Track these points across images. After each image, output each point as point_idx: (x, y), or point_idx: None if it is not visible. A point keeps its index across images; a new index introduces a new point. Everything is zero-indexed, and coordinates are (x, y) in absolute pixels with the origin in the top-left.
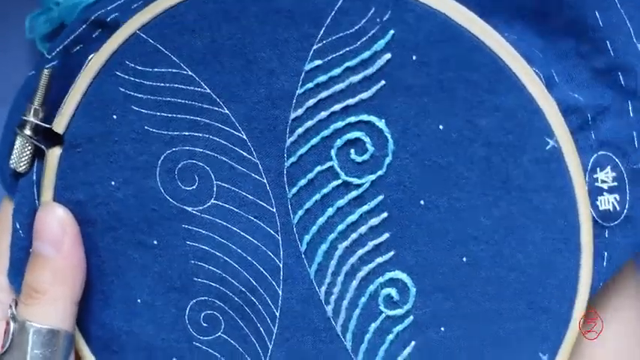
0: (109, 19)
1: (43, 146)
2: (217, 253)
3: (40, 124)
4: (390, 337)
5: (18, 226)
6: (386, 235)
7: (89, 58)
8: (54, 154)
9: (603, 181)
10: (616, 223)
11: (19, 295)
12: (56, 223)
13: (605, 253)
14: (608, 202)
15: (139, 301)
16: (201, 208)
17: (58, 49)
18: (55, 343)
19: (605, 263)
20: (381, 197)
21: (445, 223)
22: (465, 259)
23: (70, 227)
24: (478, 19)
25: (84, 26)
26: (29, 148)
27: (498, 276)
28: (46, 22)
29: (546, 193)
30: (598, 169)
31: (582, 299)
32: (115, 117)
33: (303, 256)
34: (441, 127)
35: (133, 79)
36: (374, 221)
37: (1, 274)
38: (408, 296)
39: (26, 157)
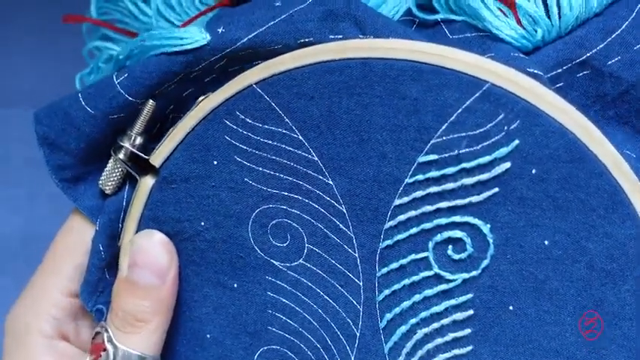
0: (216, 67)
1: (135, 173)
2: (297, 308)
3: (136, 153)
4: None
5: (101, 248)
6: (467, 331)
7: (199, 100)
8: (146, 183)
9: None
10: None
11: (96, 315)
12: (163, 253)
13: None
14: None
15: (208, 336)
16: (288, 265)
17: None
18: None
19: None
20: (470, 295)
21: (530, 331)
22: None
23: (175, 258)
24: (607, 143)
25: (180, 76)
26: (119, 171)
27: None
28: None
29: (638, 323)
30: None
31: None
32: (215, 163)
33: (381, 331)
34: (546, 242)
35: (240, 130)
36: (458, 316)
37: (60, 294)
38: None
39: (114, 180)
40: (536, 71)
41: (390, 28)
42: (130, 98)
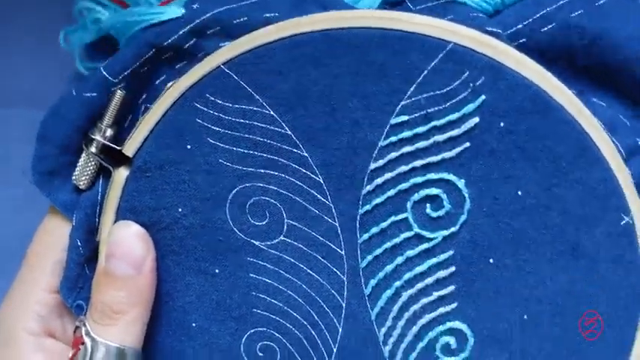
0: (186, 46)
1: (109, 166)
2: (281, 287)
3: (108, 145)
4: None
5: (79, 243)
6: (451, 288)
7: (167, 85)
8: (121, 174)
9: None
10: None
11: (75, 311)
12: (138, 243)
13: None
14: None
15: (193, 324)
16: (269, 243)
17: (125, 74)
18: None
19: None
20: (451, 252)
21: (511, 282)
22: (525, 316)
23: (151, 248)
24: (569, 94)
25: (153, 50)
26: (92, 165)
27: (556, 335)
28: (84, 34)
29: (615, 265)
30: None
31: None
32: (188, 147)
33: (366, 298)
34: (519, 192)
35: (211, 112)
36: (441, 274)
37: (44, 291)
38: (465, 345)
39: (88, 175)
40: (494, 29)
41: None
42: (105, 74)
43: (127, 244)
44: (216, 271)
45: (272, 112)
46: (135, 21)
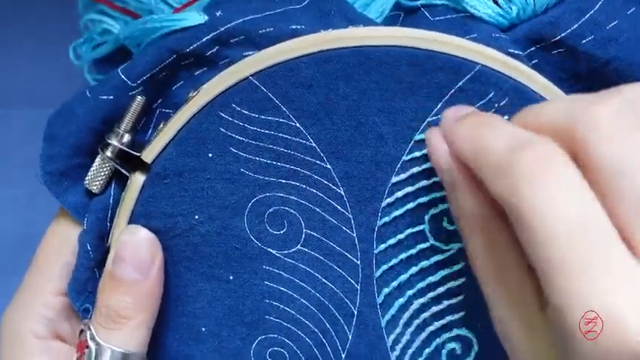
0: (208, 53)
1: (125, 171)
2: (294, 295)
3: (126, 150)
4: None
5: (89, 248)
6: (460, 297)
7: (190, 94)
8: (137, 180)
9: None
10: None
11: (82, 314)
12: (146, 248)
13: None
14: None
15: (203, 329)
16: (286, 252)
17: (144, 78)
18: None
19: None
20: (462, 264)
21: None
22: None
23: (159, 253)
24: None
25: (174, 56)
26: (107, 169)
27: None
28: (95, 50)
29: None
30: None
31: None
32: (210, 155)
33: (378, 306)
34: None
35: (236, 121)
36: (452, 283)
37: (51, 294)
38: (470, 352)
39: (101, 179)
40: (517, 52)
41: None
42: (124, 77)
43: (134, 249)
44: (231, 277)
45: (298, 124)
46: (154, 28)
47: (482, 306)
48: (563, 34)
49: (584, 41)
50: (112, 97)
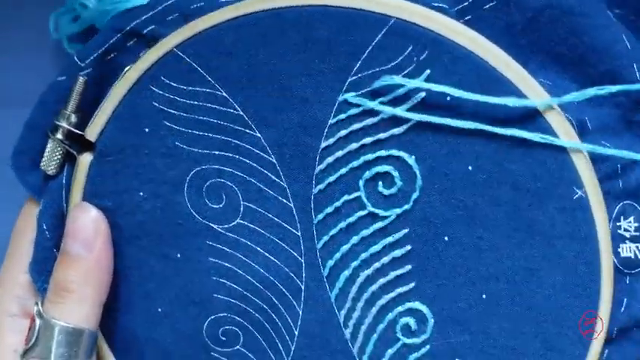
0: (145, 32)
1: (74, 151)
2: (239, 271)
3: (73, 131)
4: None
5: (45, 227)
6: (408, 267)
7: (125, 69)
8: (85, 160)
9: (626, 230)
10: (637, 270)
11: (42, 293)
12: (90, 223)
13: (625, 300)
14: (630, 249)
15: (159, 310)
16: (226, 226)
17: (91, 58)
18: (80, 341)
19: (623, 309)
20: (405, 230)
21: (467, 260)
22: (484, 295)
23: (103, 229)
24: (514, 64)
25: (118, 35)
26: (60, 151)
27: (516, 314)
28: (73, 23)
29: (570, 240)
30: (622, 217)
31: (597, 343)
32: (146, 130)
33: (325, 280)
34: (470, 167)
35: (167, 95)
36: (397, 253)
37: (21, 273)
38: (425, 327)
39: (56, 161)
40: (441, 5)
41: None
42: (75, 58)
43: (80, 224)
44: (178, 255)
45: (224, 93)
46: (106, 10)
47: (432, 275)
48: None
49: None
50: (64, 78)
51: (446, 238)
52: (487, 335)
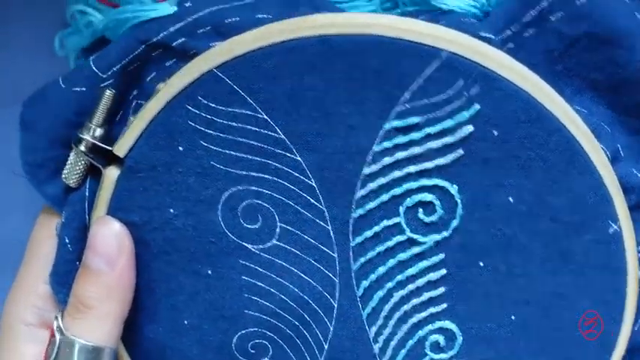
0: (174, 44)
1: (99, 165)
2: (272, 290)
3: (99, 145)
4: None
5: (67, 240)
6: (442, 289)
7: (158, 86)
8: (111, 174)
9: None
10: None
11: (62, 305)
12: (114, 239)
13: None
14: None
15: (185, 322)
16: (261, 246)
17: (114, 69)
18: (99, 359)
19: (636, 328)
20: (442, 256)
21: (500, 285)
22: (513, 317)
23: (127, 246)
24: (560, 101)
25: (143, 47)
26: (82, 164)
27: (543, 335)
28: (81, 39)
29: (602, 271)
30: None
31: None
32: (180, 149)
33: (358, 299)
34: (511, 199)
35: (204, 114)
36: (432, 276)
37: (40, 283)
38: (454, 343)
39: (78, 173)
40: (488, 35)
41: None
42: (95, 69)
43: (102, 239)
44: (209, 272)
45: (265, 116)
46: (126, 18)
47: (465, 297)
48: (533, 12)
49: (553, 18)
50: (84, 89)
51: (481, 264)
52: (513, 353)
